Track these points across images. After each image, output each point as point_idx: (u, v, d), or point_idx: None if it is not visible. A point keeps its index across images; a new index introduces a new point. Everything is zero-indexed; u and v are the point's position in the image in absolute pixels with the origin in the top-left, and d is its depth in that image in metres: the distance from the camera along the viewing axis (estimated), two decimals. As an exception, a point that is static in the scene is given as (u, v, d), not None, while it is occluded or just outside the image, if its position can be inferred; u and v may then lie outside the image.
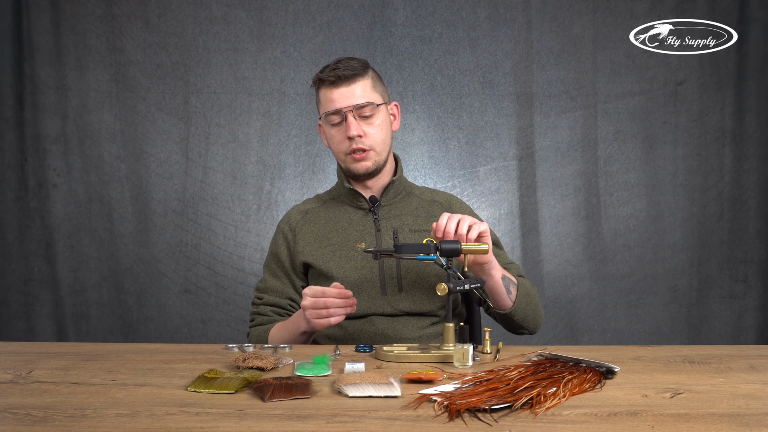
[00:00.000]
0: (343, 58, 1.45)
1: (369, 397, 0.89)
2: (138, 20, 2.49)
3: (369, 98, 1.42)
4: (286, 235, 1.52)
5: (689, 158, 2.54)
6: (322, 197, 1.59)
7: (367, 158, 1.44)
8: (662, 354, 1.22)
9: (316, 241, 1.48)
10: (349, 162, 1.45)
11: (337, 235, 1.48)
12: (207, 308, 2.49)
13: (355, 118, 1.41)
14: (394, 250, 1.20)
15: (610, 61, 2.53)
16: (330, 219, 1.50)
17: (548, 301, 2.52)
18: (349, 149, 1.43)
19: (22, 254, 2.48)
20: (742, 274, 2.54)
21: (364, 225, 1.48)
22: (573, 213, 2.53)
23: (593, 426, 0.78)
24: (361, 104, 1.41)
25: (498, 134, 2.53)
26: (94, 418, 0.81)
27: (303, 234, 1.50)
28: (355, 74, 1.41)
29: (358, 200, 1.50)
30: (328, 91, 1.42)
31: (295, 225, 1.52)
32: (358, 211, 1.50)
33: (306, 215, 1.53)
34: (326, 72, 1.43)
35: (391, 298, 1.42)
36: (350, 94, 1.41)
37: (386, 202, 1.50)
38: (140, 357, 1.17)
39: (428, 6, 2.52)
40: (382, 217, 1.48)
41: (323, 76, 1.43)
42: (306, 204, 1.58)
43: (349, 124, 1.40)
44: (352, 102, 1.41)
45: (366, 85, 1.43)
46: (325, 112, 1.44)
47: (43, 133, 2.46)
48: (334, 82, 1.41)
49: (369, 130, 1.43)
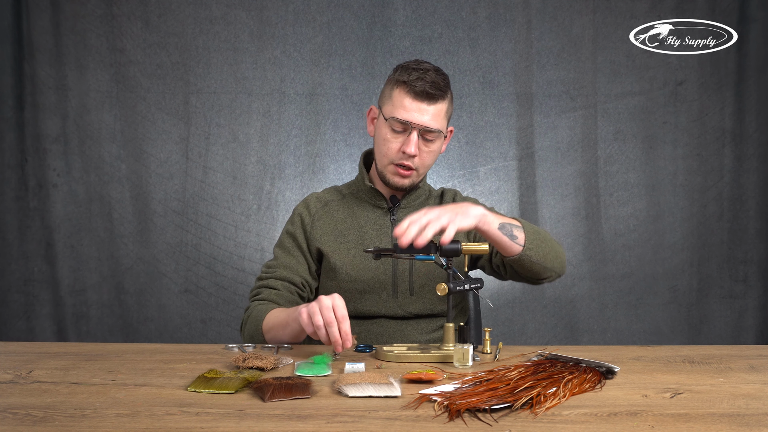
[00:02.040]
0: (431, 68, 1.38)
1: (369, 397, 0.89)
2: (138, 20, 2.49)
3: (440, 125, 1.38)
4: (304, 218, 1.49)
5: (689, 158, 2.54)
6: (341, 190, 1.56)
7: (409, 177, 1.42)
8: (662, 354, 1.22)
9: (333, 234, 1.46)
10: (390, 171, 1.42)
11: (354, 232, 1.46)
12: (207, 308, 2.49)
13: (418, 137, 1.37)
14: (393, 250, 1.20)
15: (610, 61, 2.53)
16: (348, 215, 1.49)
17: (548, 301, 2.52)
18: (397, 160, 1.40)
19: (22, 254, 2.48)
20: (742, 274, 2.54)
21: (381, 225, 1.47)
22: (573, 213, 2.53)
23: (593, 426, 0.78)
24: (430, 129, 1.37)
25: (498, 134, 2.53)
26: (94, 418, 0.81)
27: (321, 223, 1.48)
28: (438, 95, 1.36)
29: (378, 199, 1.49)
30: (407, 99, 1.37)
31: (315, 212, 1.49)
32: (377, 210, 1.49)
33: (326, 206, 1.51)
34: (414, 78, 1.36)
35: (401, 301, 1.42)
36: (425, 112, 1.36)
37: (406, 204, 1.49)
38: (140, 357, 1.17)
39: (428, 6, 2.52)
40: (400, 218, 1.48)
41: (410, 82, 1.36)
42: (325, 194, 1.55)
43: (410, 141, 1.36)
44: (423, 122, 1.36)
45: (442, 110, 1.39)
46: (393, 116, 1.38)
47: (43, 133, 2.46)
48: (416, 93, 1.36)
49: (424, 153, 1.40)
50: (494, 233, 1.25)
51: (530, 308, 2.49)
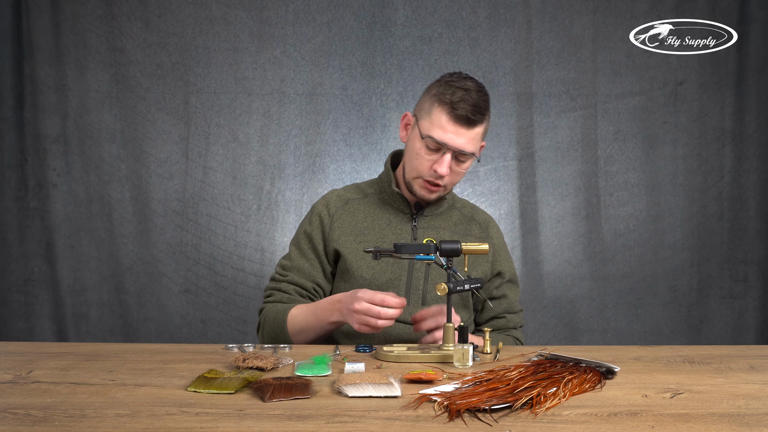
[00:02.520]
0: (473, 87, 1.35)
1: (369, 397, 0.89)
2: (138, 20, 2.49)
3: (474, 148, 1.38)
4: (323, 218, 1.48)
5: (689, 158, 2.54)
6: (363, 189, 1.55)
7: (437, 192, 1.43)
8: (662, 354, 1.22)
9: (352, 234, 1.45)
10: (418, 184, 1.42)
11: (374, 233, 1.45)
12: (207, 308, 2.49)
13: (452, 158, 1.37)
14: (394, 250, 1.20)
15: (610, 61, 2.53)
16: (369, 215, 1.48)
17: (548, 301, 2.52)
18: (427, 177, 1.40)
19: (22, 254, 2.48)
20: (742, 274, 2.54)
21: (402, 230, 1.46)
22: (573, 213, 2.53)
23: (593, 426, 0.78)
24: (465, 152, 1.37)
25: (498, 134, 2.53)
26: (94, 418, 0.81)
27: (340, 222, 1.47)
28: (478, 119, 1.35)
29: (402, 204, 1.48)
30: (447, 121, 1.34)
31: (335, 211, 1.48)
32: (399, 215, 1.48)
33: (346, 204, 1.50)
34: (457, 99, 1.33)
35: (412, 308, 1.41)
36: (463, 136, 1.35)
37: (429, 212, 1.49)
38: (140, 357, 1.17)
39: (428, 6, 2.52)
40: (421, 226, 1.47)
41: (455, 103, 1.33)
42: (347, 192, 1.54)
43: (443, 162, 1.36)
44: (459, 145, 1.35)
45: (479, 133, 1.38)
46: (430, 135, 1.36)
47: (43, 133, 2.46)
48: (458, 116, 1.34)
49: (454, 173, 1.40)
50: None
51: (530, 308, 2.49)
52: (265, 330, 1.43)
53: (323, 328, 1.33)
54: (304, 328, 1.35)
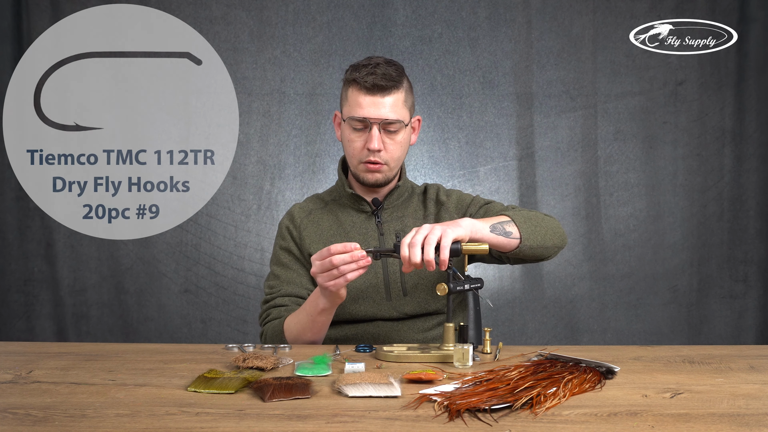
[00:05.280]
0: (381, 61, 1.36)
1: (369, 397, 0.89)
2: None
3: (399, 115, 1.37)
4: (291, 231, 1.49)
5: (689, 158, 2.54)
6: (323, 198, 1.55)
7: (380, 171, 1.41)
8: (662, 354, 1.22)
9: (321, 243, 1.45)
10: (360, 170, 1.42)
11: (341, 238, 1.45)
12: (207, 308, 2.49)
13: (380, 131, 1.36)
14: (393, 250, 1.20)
15: (610, 61, 2.53)
16: (333, 222, 1.48)
17: (548, 301, 2.52)
18: (365, 158, 1.39)
19: (22, 254, 2.48)
20: (742, 274, 2.54)
21: (367, 229, 1.46)
22: (573, 213, 2.53)
23: (593, 426, 0.78)
24: (390, 120, 1.36)
25: (498, 134, 2.53)
26: (94, 418, 0.81)
27: (308, 232, 1.47)
28: (390, 85, 1.35)
29: (360, 204, 1.48)
30: (359, 96, 1.36)
31: (300, 222, 1.49)
32: (361, 215, 1.48)
33: (310, 215, 1.50)
34: (362, 73, 1.34)
35: (396, 303, 1.41)
36: (381, 105, 1.35)
37: (388, 205, 1.49)
38: (140, 357, 1.17)
39: (428, 6, 2.52)
40: (385, 220, 1.47)
41: (358, 78, 1.35)
42: (308, 203, 1.55)
43: (372, 137, 1.36)
44: (381, 115, 1.35)
45: (398, 99, 1.37)
46: (350, 116, 1.37)
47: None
48: (368, 88, 1.34)
49: (390, 146, 1.39)
50: (488, 238, 1.24)
51: (530, 308, 2.49)
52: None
53: (318, 323, 1.31)
54: (300, 331, 1.35)
